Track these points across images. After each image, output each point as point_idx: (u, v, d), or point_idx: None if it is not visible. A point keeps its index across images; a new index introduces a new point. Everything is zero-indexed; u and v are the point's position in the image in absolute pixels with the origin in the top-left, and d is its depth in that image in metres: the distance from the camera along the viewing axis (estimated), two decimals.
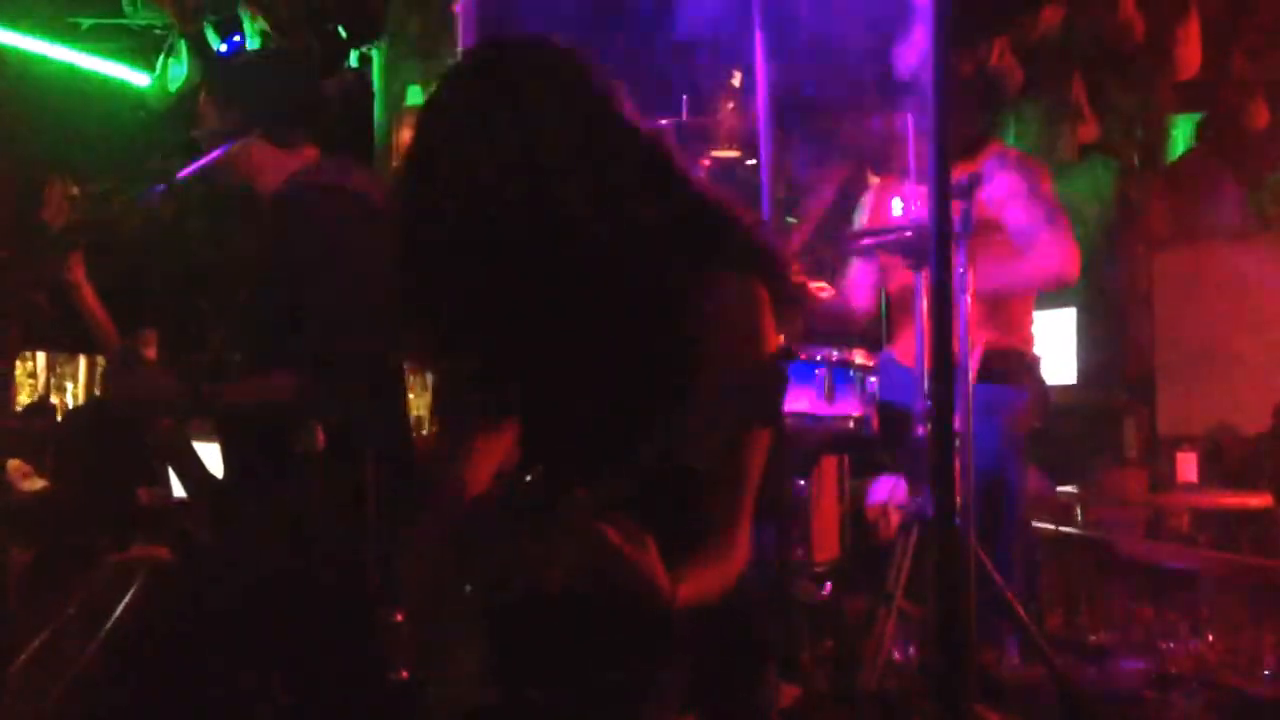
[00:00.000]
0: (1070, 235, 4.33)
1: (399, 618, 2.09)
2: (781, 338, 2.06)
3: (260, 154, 3.24)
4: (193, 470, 3.18)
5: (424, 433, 3.57)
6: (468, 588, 2.01)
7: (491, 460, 2.28)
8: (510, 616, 1.96)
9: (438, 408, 2.47)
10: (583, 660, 1.96)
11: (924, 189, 3.90)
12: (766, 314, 1.96)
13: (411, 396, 3.66)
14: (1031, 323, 4.50)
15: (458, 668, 2.00)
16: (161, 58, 7.65)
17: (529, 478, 2.05)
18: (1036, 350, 4.53)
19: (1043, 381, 4.50)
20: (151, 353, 3.20)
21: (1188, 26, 6.75)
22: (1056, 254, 4.29)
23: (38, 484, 7.04)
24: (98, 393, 11.96)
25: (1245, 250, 8.36)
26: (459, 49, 4.94)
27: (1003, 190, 4.32)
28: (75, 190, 2.91)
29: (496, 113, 1.92)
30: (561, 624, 1.92)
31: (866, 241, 4.44)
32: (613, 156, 1.96)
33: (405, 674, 2.05)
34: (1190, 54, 6.81)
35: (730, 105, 4.77)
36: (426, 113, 2.02)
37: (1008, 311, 4.38)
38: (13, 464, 7.43)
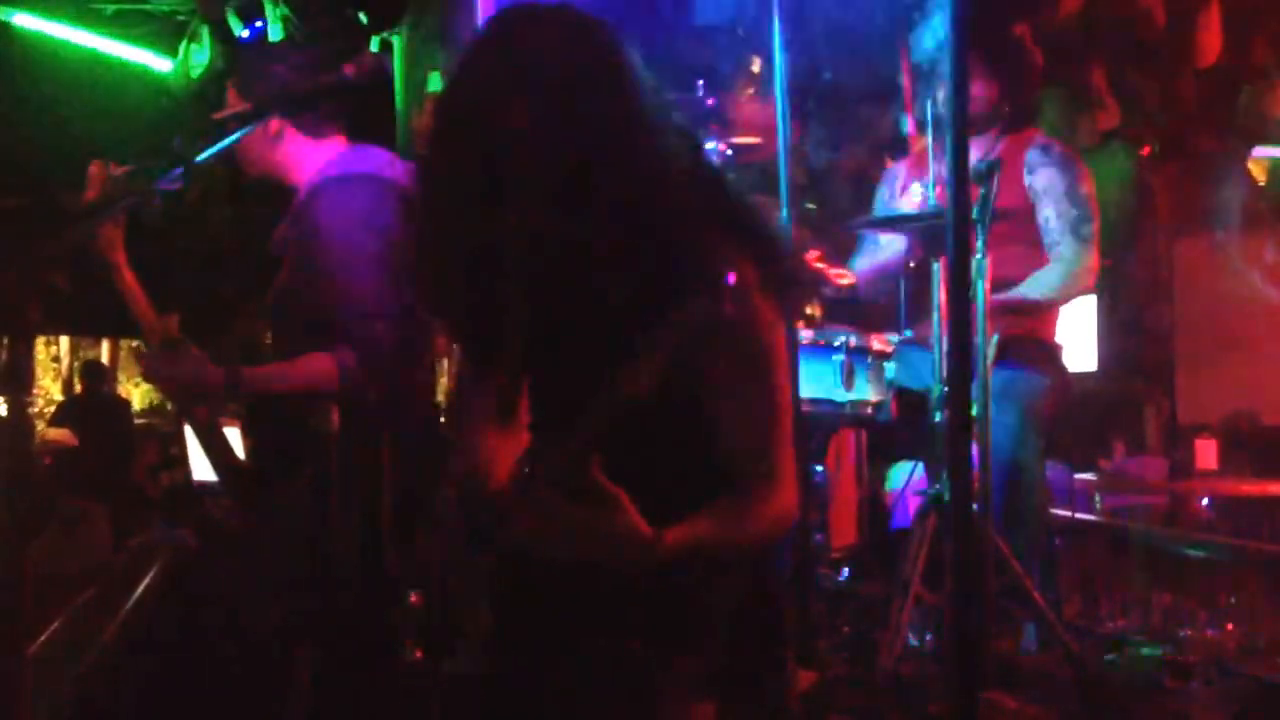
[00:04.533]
0: (1093, 247, 4.33)
1: (415, 599, 2.10)
2: (781, 316, 2.05)
3: (290, 144, 3.25)
4: (221, 453, 3.20)
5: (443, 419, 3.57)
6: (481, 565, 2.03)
7: (512, 433, 2.29)
8: (528, 596, 1.97)
9: (458, 389, 2.48)
10: (600, 642, 1.96)
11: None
12: (751, 290, 1.95)
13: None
14: (1055, 310, 4.48)
15: (472, 643, 2.01)
16: (184, 43, 7.67)
17: (531, 450, 2.07)
18: (1058, 338, 4.52)
19: (1064, 368, 4.49)
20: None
21: (1209, 13, 6.71)
22: (1073, 271, 4.30)
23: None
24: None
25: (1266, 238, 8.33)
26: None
27: (1043, 183, 4.34)
28: (119, 172, 2.91)
29: (523, 78, 1.91)
30: (579, 605, 1.93)
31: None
32: (648, 120, 1.96)
33: (420, 653, 2.06)
34: (1211, 41, 6.77)
35: (749, 91, 4.76)
36: (454, 80, 2.01)
37: None
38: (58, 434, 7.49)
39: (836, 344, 3.87)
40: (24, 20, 7.91)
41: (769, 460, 1.97)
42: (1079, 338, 8.26)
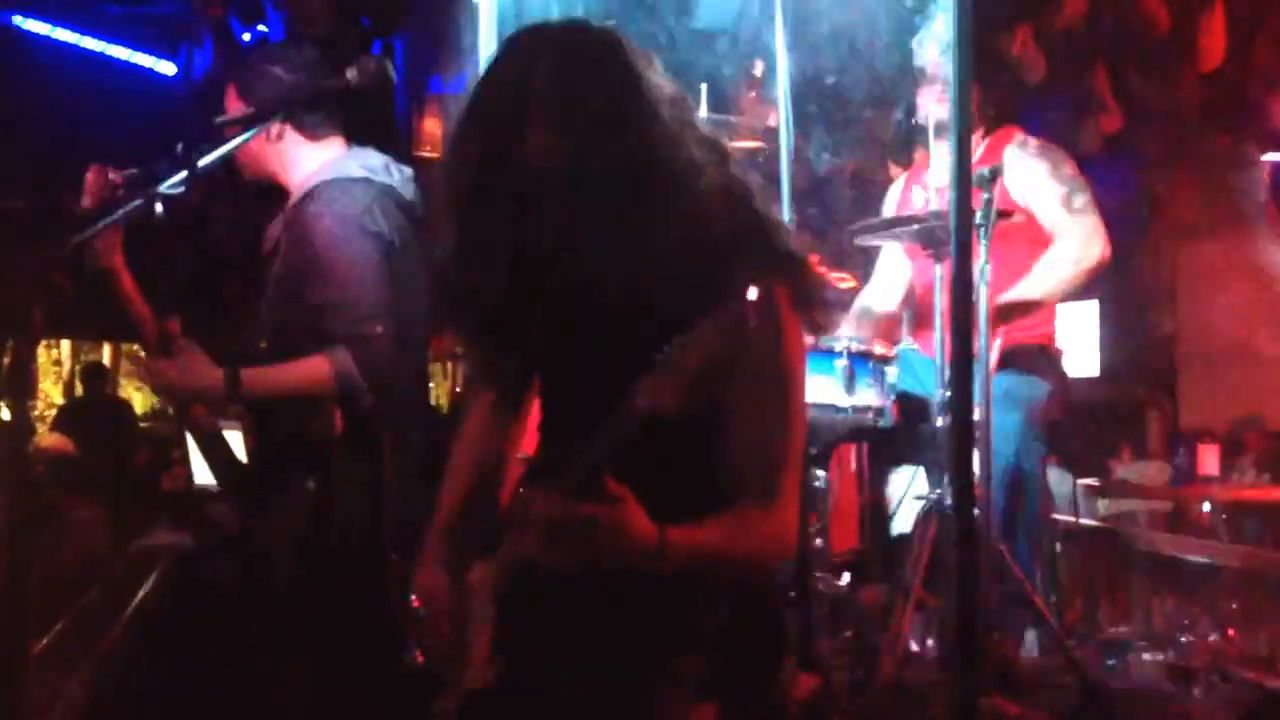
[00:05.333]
0: (1091, 214, 4.24)
1: (416, 603, 2.10)
2: (804, 334, 2.06)
3: (287, 145, 3.25)
4: (221, 456, 3.20)
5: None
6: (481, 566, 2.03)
7: (513, 437, 2.30)
8: (528, 600, 1.97)
9: (465, 389, 2.48)
10: (600, 645, 1.96)
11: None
12: (783, 311, 1.96)
13: (431, 385, 3.66)
14: (1054, 316, 4.47)
15: (473, 650, 2.01)
16: (186, 46, 7.67)
17: (539, 456, 2.07)
18: (1058, 344, 4.51)
19: (1064, 374, 4.48)
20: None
21: (1211, 17, 6.71)
22: (1079, 237, 4.21)
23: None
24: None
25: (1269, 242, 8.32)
26: (480, 38, 4.93)
27: (1022, 177, 4.28)
28: (118, 178, 2.91)
29: (540, 106, 1.92)
30: (577, 608, 1.93)
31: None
32: (682, 131, 1.96)
33: (421, 658, 2.06)
34: (1214, 44, 6.76)
35: (751, 95, 4.76)
36: (478, 96, 2.02)
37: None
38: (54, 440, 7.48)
39: (838, 349, 3.87)
40: (27, 23, 7.92)
41: (776, 482, 1.96)
42: (1081, 342, 8.26)
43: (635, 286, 1.95)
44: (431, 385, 3.51)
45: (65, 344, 16.37)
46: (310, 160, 3.24)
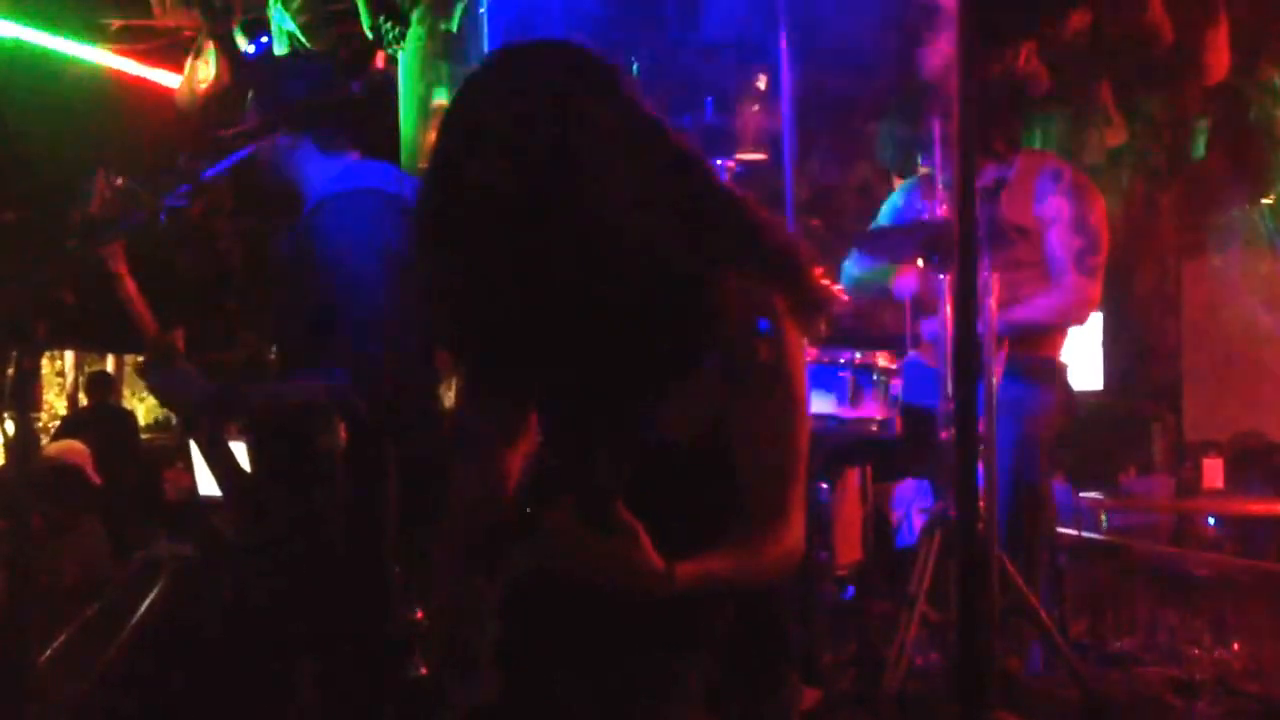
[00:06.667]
0: (1096, 280, 4.31)
1: (419, 615, 2.10)
2: (805, 342, 2.06)
3: (305, 157, 3.26)
4: (226, 467, 3.20)
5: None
6: (483, 581, 2.02)
7: (514, 455, 2.29)
8: (529, 610, 1.97)
9: (459, 404, 2.48)
10: (602, 656, 1.96)
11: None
12: (782, 321, 1.96)
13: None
14: (1065, 332, 4.47)
15: (474, 662, 2.00)
16: (189, 59, 7.67)
17: (543, 472, 2.07)
18: (1063, 356, 4.51)
19: (1069, 386, 4.48)
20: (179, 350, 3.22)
21: (1216, 31, 6.69)
22: (1072, 300, 4.29)
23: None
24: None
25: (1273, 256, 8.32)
26: (485, 50, 4.94)
27: (1051, 212, 4.29)
28: (119, 182, 2.92)
29: (523, 112, 1.92)
30: (581, 619, 1.92)
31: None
32: (641, 156, 1.96)
33: (425, 670, 2.06)
34: (1219, 58, 6.75)
35: (755, 107, 4.77)
36: (452, 112, 2.03)
37: None
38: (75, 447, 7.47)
39: (841, 361, 3.87)
40: (30, 35, 7.93)
41: (784, 499, 1.95)
42: (1085, 356, 8.24)
43: (624, 313, 1.95)
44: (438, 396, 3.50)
45: (69, 355, 16.37)
46: (324, 172, 3.25)
